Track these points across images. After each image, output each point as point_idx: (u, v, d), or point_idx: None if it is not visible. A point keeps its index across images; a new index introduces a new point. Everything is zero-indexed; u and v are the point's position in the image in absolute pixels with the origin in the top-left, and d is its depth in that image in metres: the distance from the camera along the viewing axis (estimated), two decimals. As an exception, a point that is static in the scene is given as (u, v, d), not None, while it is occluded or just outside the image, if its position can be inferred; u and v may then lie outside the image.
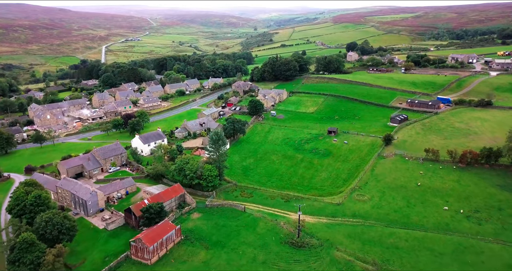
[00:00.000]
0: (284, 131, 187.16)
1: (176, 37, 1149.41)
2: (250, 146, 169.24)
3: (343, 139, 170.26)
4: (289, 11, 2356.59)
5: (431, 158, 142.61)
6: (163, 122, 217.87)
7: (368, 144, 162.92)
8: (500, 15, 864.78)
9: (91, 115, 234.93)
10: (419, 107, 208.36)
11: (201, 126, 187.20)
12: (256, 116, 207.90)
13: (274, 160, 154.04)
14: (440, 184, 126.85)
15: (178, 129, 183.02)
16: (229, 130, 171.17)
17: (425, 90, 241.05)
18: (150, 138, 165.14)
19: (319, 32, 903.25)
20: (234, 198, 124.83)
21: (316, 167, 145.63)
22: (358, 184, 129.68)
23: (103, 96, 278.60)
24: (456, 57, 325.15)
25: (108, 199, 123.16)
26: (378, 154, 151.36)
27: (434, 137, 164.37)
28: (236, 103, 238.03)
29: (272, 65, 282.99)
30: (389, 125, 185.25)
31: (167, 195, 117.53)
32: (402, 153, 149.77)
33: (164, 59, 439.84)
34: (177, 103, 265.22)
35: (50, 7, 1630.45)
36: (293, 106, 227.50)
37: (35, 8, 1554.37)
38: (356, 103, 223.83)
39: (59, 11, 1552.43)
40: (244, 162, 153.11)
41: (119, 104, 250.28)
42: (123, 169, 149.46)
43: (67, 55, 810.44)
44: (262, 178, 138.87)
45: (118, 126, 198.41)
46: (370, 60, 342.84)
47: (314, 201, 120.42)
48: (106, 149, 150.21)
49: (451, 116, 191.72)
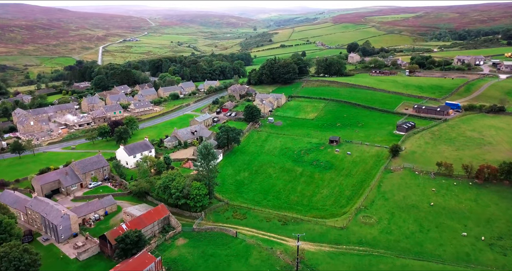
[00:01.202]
0: (282, 140, 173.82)
1: (174, 37, 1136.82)
2: (245, 157, 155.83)
3: (346, 149, 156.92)
4: (289, 11, 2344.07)
5: (443, 172, 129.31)
6: (154, 129, 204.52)
7: (373, 155, 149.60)
8: (503, 15, 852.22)
9: (78, 122, 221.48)
10: (426, 114, 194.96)
11: (193, 134, 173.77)
12: (252, 123, 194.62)
13: (271, 173, 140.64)
14: (455, 203, 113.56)
15: (168, 138, 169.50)
16: (222, 140, 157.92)
17: (432, 94, 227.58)
18: (136, 148, 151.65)
19: (319, 33, 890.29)
20: (225, 220, 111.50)
21: (317, 182, 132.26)
22: (363, 203, 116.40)
23: (92, 101, 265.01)
24: (463, 59, 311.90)
25: (84, 221, 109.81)
26: (384, 167, 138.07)
27: (445, 148, 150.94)
28: (231, 108, 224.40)
29: (270, 68, 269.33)
30: (396, 134, 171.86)
31: (149, 218, 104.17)
32: (411, 166, 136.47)
33: (160, 61, 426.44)
34: (170, 107, 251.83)
35: (48, 7, 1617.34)
36: (292, 112, 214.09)
37: (34, 8, 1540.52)
38: (359, 109, 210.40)
39: (58, 11, 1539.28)
40: (238, 175, 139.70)
41: (108, 109, 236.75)
42: (104, 184, 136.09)
43: (63, 56, 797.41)
44: (257, 195, 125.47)
45: (104, 134, 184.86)
46: (373, 62, 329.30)
47: (315, 224, 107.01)
48: (86, 162, 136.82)
49: (462, 123, 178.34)
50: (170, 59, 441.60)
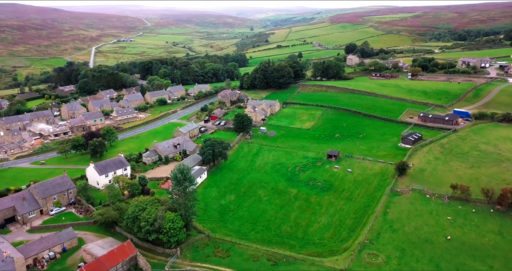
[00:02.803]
0: (275, 153, 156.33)
1: (170, 37, 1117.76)
2: (232, 175, 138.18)
3: (346, 166, 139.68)
4: (286, 11, 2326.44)
5: (459, 196, 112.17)
6: (135, 140, 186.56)
7: (377, 173, 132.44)
8: (502, 15, 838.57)
9: (53, 131, 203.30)
10: (433, 123, 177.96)
11: (175, 148, 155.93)
12: (243, 134, 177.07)
13: (261, 196, 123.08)
14: (476, 237, 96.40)
15: (147, 153, 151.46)
16: (207, 155, 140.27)
17: (438, 101, 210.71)
18: (109, 166, 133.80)
19: (316, 33, 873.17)
20: (204, 258, 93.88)
21: (314, 208, 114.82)
22: (368, 236, 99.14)
23: (73, 107, 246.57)
24: (468, 61, 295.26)
25: (36, 261, 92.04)
26: (390, 189, 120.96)
27: (457, 164, 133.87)
28: (221, 116, 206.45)
29: (263, 72, 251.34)
30: (401, 147, 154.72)
31: (112, 259, 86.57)
32: (421, 188, 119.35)
33: (150, 63, 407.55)
34: (156, 114, 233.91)
35: (43, 7, 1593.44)
36: (287, 121, 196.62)
37: (28, 8, 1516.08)
38: (359, 117, 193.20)
39: (53, 11, 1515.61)
40: (223, 199, 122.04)
41: (88, 117, 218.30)
42: (69, 210, 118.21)
43: (54, 57, 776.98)
44: (244, 225, 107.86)
45: (78, 147, 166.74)
46: (373, 64, 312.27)
47: (311, 265, 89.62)
48: (48, 184, 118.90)
49: (474, 134, 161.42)
50: (161, 61, 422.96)
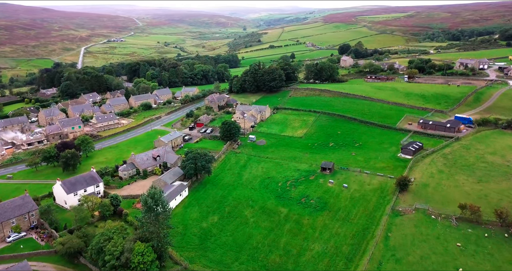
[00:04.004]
0: (265, 165, 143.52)
1: (162, 37, 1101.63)
2: (216, 192, 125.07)
3: (342, 180, 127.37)
4: (279, 10, 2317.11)
5: (468, 217, 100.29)
6: (114, 150, 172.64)
7: (376, 189, 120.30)
8: (495, 15, 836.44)
9: (27, 140, 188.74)
10: (434, 130, 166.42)
11: (155, 160, 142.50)
12: (230, 143, 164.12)
13: (247, 217, 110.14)
14: (491, 268, 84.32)
15: (123, 166, 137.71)
16: (189, 170, 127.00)
17: (437, 105, 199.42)
18: (79, 183, 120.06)
19: (309, 33, 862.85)
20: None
21: (306, 231, 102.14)
22: (368, 267, 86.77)
23: (51, 112, 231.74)
24: (466, 63, 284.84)
25: (-20, 304, 78.50)
26: (391, 208, 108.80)
27: (463, 178, 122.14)
28: (207, 123, 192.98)
29: (253, 75, 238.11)
30: (400, 158, 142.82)
31: (67, 303, 73.28)
32: (426, 207, 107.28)
33: (137, 64, 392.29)
34: (139, 120, 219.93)
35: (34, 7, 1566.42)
36: (278, 128, 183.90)
37: (18, 8, 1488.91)
38: (355, 124, 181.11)
39: (43, 10, 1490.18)
40: (205, 220, 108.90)
41: (66, 124, 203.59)
42: (30, 236, 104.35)
43: (41, 58, 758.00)
44: (228, 253, 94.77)
45: (49, 159, 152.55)
46: (368, 66, 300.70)
47: (303, 306, 77.14)
48: (6, 206, 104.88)
49: (478, 143, 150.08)
50: (149, 62, 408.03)
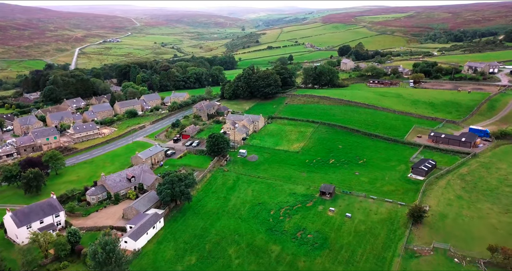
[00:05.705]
0: (256, 187, 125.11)
1: (159, 38, 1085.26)
2: (197, 222, 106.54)
3: (344, 208, 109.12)
4: (278, 11, 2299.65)
5: (500, 262, 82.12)
6: (88, 166, 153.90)
7: (384, 220, 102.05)
8: (497, 15, 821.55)
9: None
10: (447, 145, 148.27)
11: (130, 182, 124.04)
12: (218, 158, 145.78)
13: (231, 258, 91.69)
14: None
15: (92, 190, 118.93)
16: (165, 196, 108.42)
17: (448, 115, 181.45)
18: (34, 213, 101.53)
19: (308, 33, 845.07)
20: None
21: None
22: None
23: (28, 121, 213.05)
24: (474, 66, 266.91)
25: None
26: (404, 246, 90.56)
27: (488, 207, 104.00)
28: (194, 135, 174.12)
29: (247, 79, 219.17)
30: (411, 179, 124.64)
31: None
32: (447, 247, 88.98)
33: (128, 67, 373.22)
34: (122, 130, 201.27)
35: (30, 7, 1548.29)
36: (272, 141, 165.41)
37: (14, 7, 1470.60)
38: (358, 136, 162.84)
39: (39, 10, 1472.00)
40: (181, 262, 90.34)
41: (39, 135, 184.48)
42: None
43: (33, 59, 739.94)
44: (203, 310, 76.68)
45: (11, 179, 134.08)
46: (370, 69, 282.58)
47: None
48: None
49: (498, 161, 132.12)
50: (140, 64, 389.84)
